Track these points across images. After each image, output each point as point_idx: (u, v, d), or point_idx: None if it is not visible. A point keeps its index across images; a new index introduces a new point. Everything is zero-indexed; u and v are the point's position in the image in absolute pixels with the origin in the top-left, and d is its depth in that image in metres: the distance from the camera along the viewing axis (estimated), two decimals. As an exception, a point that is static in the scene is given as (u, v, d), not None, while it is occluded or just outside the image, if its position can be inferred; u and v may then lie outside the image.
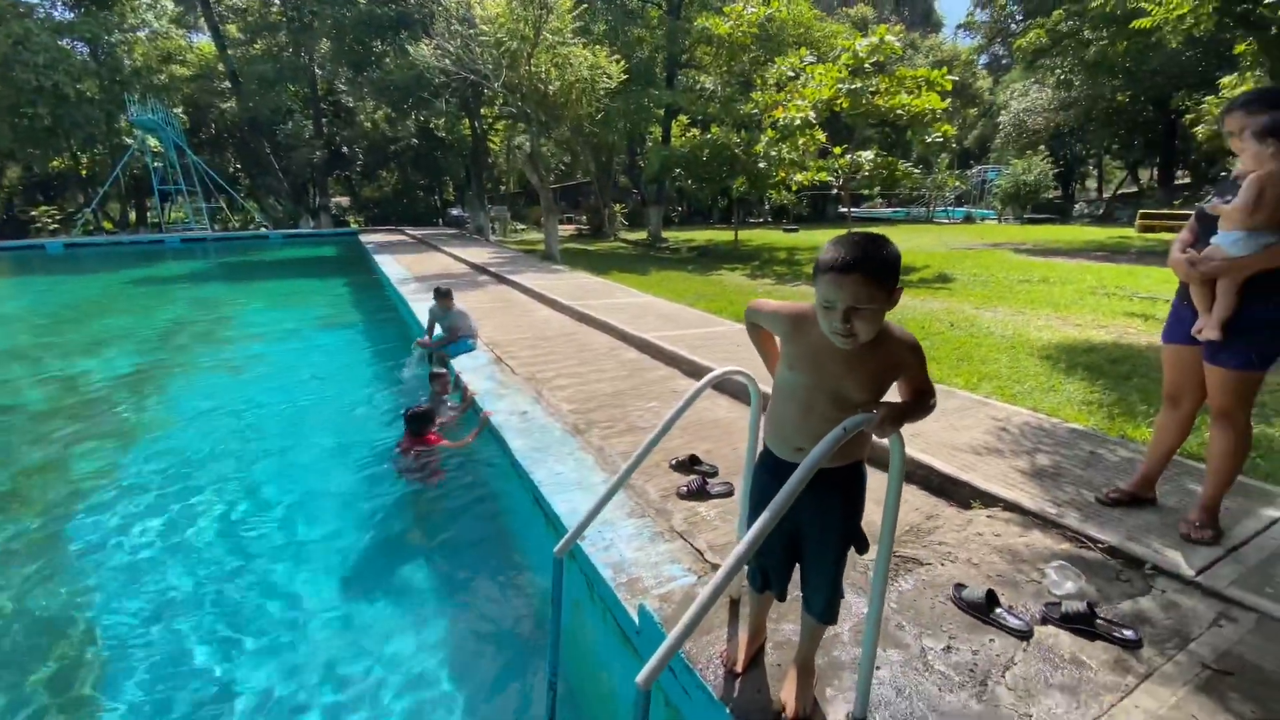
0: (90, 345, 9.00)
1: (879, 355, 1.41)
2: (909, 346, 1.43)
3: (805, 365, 1.49)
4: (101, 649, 2.88)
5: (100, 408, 6.24)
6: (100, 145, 27.23)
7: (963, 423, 3.75)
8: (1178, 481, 2.89)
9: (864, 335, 1.34)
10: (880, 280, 1.29)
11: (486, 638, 2.93)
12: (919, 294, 9.15)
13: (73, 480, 4.61)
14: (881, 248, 1.30)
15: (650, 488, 3.23)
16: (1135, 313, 7.21)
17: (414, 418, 4.34)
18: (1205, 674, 1.78)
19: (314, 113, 30.70)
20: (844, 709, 1.68)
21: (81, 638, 2.95)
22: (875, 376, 1.43)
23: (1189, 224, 2.41)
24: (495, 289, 10.86)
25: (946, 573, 2.29)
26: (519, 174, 34.30)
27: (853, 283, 1.29)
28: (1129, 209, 25.98)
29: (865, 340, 1.35)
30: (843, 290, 1.30)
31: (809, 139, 12.91)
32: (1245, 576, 2.18)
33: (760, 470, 1.69)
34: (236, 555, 3.61)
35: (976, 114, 38.35)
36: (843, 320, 1.31)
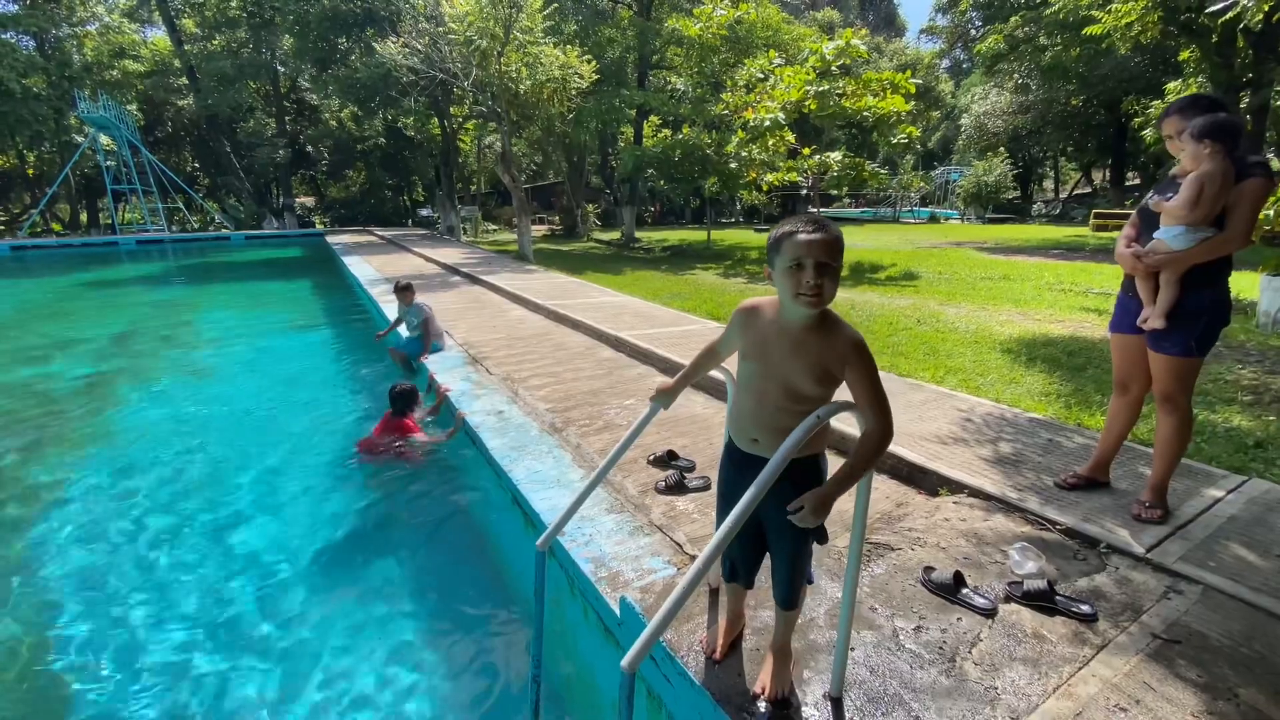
0: (42, 351, 8.65)
1: (823, 343, 1.47)
2: (852, 342, 1.44)
3: (755, 353, 1.57)
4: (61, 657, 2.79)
5: (55, 415, 6.02)
6: (48, 143, 26.16)
7: (929, 414, 3.88)
8: (1129, 466, 3.05)
9: (828, 295, 1.42)
10: (840, 243, 1.42)
11: (468, 635, 2.93)
12: (886, 291, 9.37)
13: (27, 489, 4.45)
14: (833, 225, 1.45)
15: (629, 483, 3.27)
16: (1090, 308, 7.51)
17: (399, 395, 4.30)
18: (1156, 644, 1.89)
19: (276, 110, 29.96)
20: (821, 689, 1.75)
21: (37, 647, 2.86)
22: (819, 366, 1.46)
23: (1131, 220, 2.55)
24: (469, 289, 10.77)
25: (916, 557, 2.38)
26: (490, 174, 34.01)
27: (820, 241, 1.40)
28: (1084, 209, 27.01)
29: (828, 300, 1.43)
30: (813, 248, 1.40)
31: (778, 140, 13.11)
32: (1191, 552, 2.31)
33: (724, 461, 1.76)
34: (204, 560, 3.53)
35: (939, 116, 39.37)
36: (815, 274, 1.39)
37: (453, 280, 11.90)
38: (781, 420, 1.52)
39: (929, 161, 41.94)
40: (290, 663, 2.76)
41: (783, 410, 1.51)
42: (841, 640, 1.67)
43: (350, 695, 2.58)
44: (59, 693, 2.63)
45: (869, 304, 8.23)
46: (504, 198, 34.34)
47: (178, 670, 2.74)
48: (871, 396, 1.43)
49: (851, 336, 1.45)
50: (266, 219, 29.41)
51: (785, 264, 1.44)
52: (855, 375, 1.44)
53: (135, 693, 2.61)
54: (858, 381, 1.45)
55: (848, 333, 1.46)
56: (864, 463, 1.42)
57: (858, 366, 1.44)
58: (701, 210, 32.65)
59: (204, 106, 26.66)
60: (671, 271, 12.71)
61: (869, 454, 1.41)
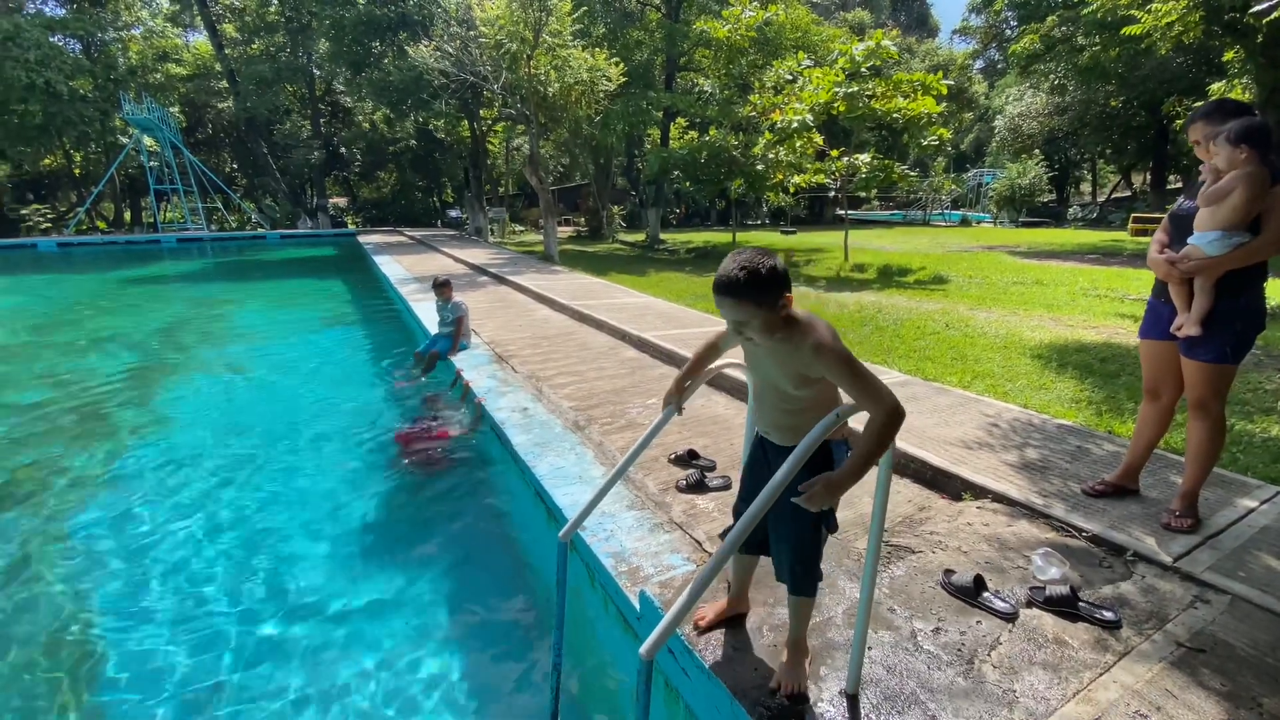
0: (88, 344, 9.03)
1: (793, 352, 1.50)
2: (812, 348, 1.44)
3: (750, 364, 1.70)
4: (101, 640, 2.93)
5: (100, 405, 6.29)
6: (94, 143, 27.18)
7: (955, 418, 3.84)
8: (1160, 474, 2.99)
9: (760, 339, 1.49)
10: (752, 301, 1.42)
11: (491, 623, 3.01)
12: (915, 295, 9.26)
13: (74, 477, 4.66)
14: (748, 272, 1.40)
15: (649, 481, 3.31)
16: (1126, 314, 7.33)
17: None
18: (1180, 652, 1.87)
19: (312, 113, 30.73)
20: (837, 685, 1.77)
21: (80, 630, 3.01)
22: (794, 372, 1.53)
23: (1163, 225, 2.52)
24: (495, 289, 10.93)
25: (937, 560, 2.38)
26: (517, 176, 34.41)
27: (727, 305, 1.46)
28: (1122, 212, 26.27)
29: (765, 342, 1.50)
30: (723, 310, 1.48)
31: (806, 141, 13.03)
32: (1221, 562, 2.27)
33: (748, 441, 1.90)
34: (238, 548, 3.67)
35: (972, 118, 38.65)
36: (734, 332, 1.52)
37: (480, 280, 12.09)
38: (780, 418, 1.65)
39: (961, 164, 41.19)
40: (318, 643, 2.87)
41: (779, 409, 1.63)
42: (858, 638, 1.69)
43: (377, 676, 2.67)
44: (98, 663, 2.77)
45: (896, 308, 8.14)
46: (531, 199, 34.68)
47: (212, 643, 2.86)
48: (856, 389, 1.42)
49: (812, 342, 1.45)
50: (301, 219, 30.17)
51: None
52: (831, 374, 1.46)
53: (170, 663, 2.74)
54: (835, 379, 1.47)
55: (810, 340, 1.46)
56: (875, 447, 1.39)
57: (828, 366, 1.44)
58: (727, 212, 32.56)
59: (243, 109, 27.47)
60: (696, 273, 12.72)
61: (876, 437, 1.39)
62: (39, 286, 15.36)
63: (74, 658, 2.85)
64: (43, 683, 2.69)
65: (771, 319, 1.45)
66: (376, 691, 2.61)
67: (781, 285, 1.43)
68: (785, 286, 1.44)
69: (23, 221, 27.80)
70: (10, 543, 3.76)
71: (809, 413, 1.57)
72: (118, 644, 2.91)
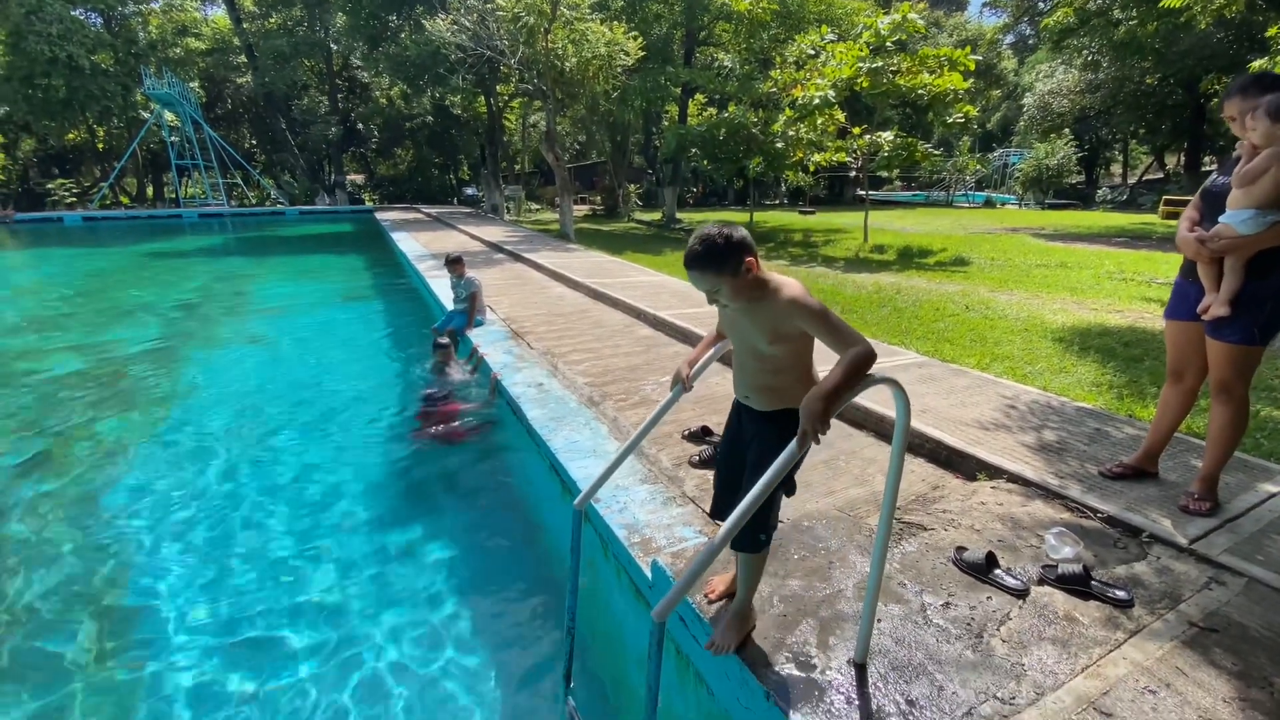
0: (115, 315, 9.23)
1: (766, 306, 1.58)
2: (788, 300, 1.54)
3: (728, 328, 1.78)
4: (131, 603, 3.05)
5: (128, 375, 6.45)
6: (116, 118, 27.43)
7: (971, 399, 3.81)
8: (1180, 458, 2.95)
9: (732, 303, 1.60)
10: (714, 271, 1.53)
11: (506, 590, 3.09)
12: (935, 276, 9.13)
13: (104, 443, 4.81)
14: (709, 244, 1.52)
15: (663, 456, 3.34)
16: (1153, 298, 7.17)
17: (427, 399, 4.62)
18: (1192, 631, 1.86)
19: (329, 88, 30.70)
20: (846, 654, 1.79)
21: (112, 593, 3.12)
22: (770, 328, 1.59)
23: (1194, 203, 2.45)
24: (511, 266, 10.95)
25: (949, 537, 2.38)
26: (534, 153, 34.19)
27: (694, 277, 1.58)
28: (1153, 195, 25.52)
29: (736, 306, 1.61)
30: (694, 283, 1.59)
31: (828, 118, 12.78)
32: (1239, 545, 2.25)
33: (731, 410, 1.93)
34: (260, 513, 3.78)
35: (1000, 96, 37.60)
36: (709, 301, 1.62)
37: (496, 258, 12.11)
38: (757, 379, 1.70)
39: (987, 143, 40.17)
40: (338, 604, 2.96)
41: (749, 370, 1.71)
42: (867, 609, 1.70)
43: (395, 636, 2.76)
44: (124, 614, 2.89)
45: (915, 289, 8.04)
46: (547, 177, 34.51)
47: (236, 599, 2.96)
48: (830, 336, 1.48)
49: (787, 296, 1.55)
50: (319, 195, 30.34)
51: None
52: (807, 325, 1.53)
53: (192, 628, 2.85)
54: (811, 329, 1.54)
55: (783, 294, 1.55)
56: (851, 372, 1.39)
57: (803, 317, 1.52)
58: (745, 192, 32.14)
59: (261, 84, 27.51)
60: (712, 252, 12.60)
61: (850, 363, 1.40)
62: (66, 260, 15.67)
63: (103, 612, 2.97)
64: (75, 635, 2.81)
65: (738, 283, 1.55)
66: (395, 650, 2.70)
67: (741, 251, 1.52)
68: (747, 252, 1.53)
69: (48, 196, 28.28)
70: (43, 505, 3.91)
71: (784, 374, 1.65)
72: (144, 600, 3.02)
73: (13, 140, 29.13)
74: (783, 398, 1.67)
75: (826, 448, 3.35)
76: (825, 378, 1.44)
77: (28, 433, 4.97)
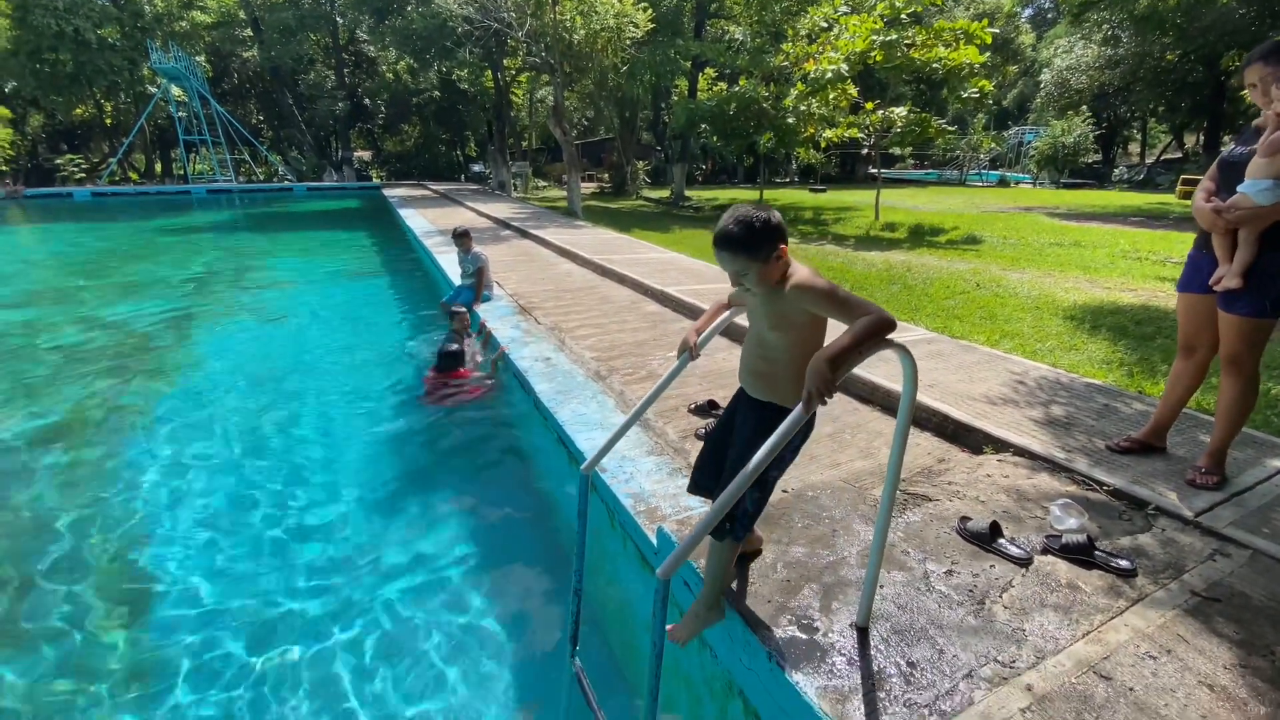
0: (127, 290, 9.31)
1: (782, 298, 1.55)
2: (796, 286, 1.50)
3: (748, 313, 1.73)
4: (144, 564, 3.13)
5: (140, 347, 6.52)
6: (124, 93, 27.35)
7: (980, 375, 3.80)
8: (1189, 433, 2.94)
9: (757, 289, 1.56)
10: (745, 254, 1.50)
11: (515, 555, 3.15)
12: (946, 255, 9.03)
13: (117, 413, 4.88)
14: (746, 225, 1.49)
15: (670, 429, 3.36)
16: (1167, 276, 7.08)
17: (445, 355, 4.58)
18: (1195, 600, 1.87)
19: (336, 62, 30.42)
20: (848, 619, 1.82)
21: (127, 553, 3.20)
22: (778, 314, 1.57)
23: (1210, 173, 2.40)
24: (519, 243, 10.92)
25: (954, 508, 2.39)
26: (541, 130, 33.86)
27: (725, 258, 1.54)
28: (1170, 174, 25.04)
29: (763, 292, 1.56)
30: (722, 263, 1.56)
31: (840, 93, 12.54)
32: (1245, 518, 2.25)
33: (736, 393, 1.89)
34: (273, 481, 3.84)
35: (1017, 72, 36.72)
36: (733, 283, 1.59)
37: (503, 234, 12.07)
38: (755, 365, 1.69)
39: (1002, 121, 39.40)
40: (355, 572, 3.02)
41: (755, 357, 1.68)
42: (870, 574, 1.72)
43: (407, 600, 2.82)
44: (140, 580, 2.96)
45: (926, 267, 7.96)
46: (554, 154, 34.20)
47: (249, 560, 3.03)
48: (843, 312, 1.43)
49: (796, 282, 1.51)
50: (326, 171, 30.24)
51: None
52: (819, 307, 1.49)
53: (206, 589, 2.92)
54: (825, 310, 1.49)
55: (793, 280, 1.52)
56: (863, 334, 1.36)
57: (813, 298, 1.48)
58: (755, 169, 31.75)
59: (267, 58, 27.27)
60: (720, 230, 12.51)
61: (865, 328, 1.37)
62: (77, 235, 15.75)
63: (120, 573, 3.04)
64: (93, 593, 2.89)
65: (766, 270, 1.51)
66: (405, 611, 2.76)
67: (776, 237, 1.50)
68: (781, 238, 1.51)
69: (58, 171, 28.33)
70: (59, 472, 3.99)
71: (778, 363, 1.62)
72: (159, 562, 3.10)
73: (21, 116, 29.14)
74: (772, 387, 1.64)
75: (832, 421, 3.36)
76: (834, 340, 1.42)
77: (41, 403, 5.05)
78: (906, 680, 1.60)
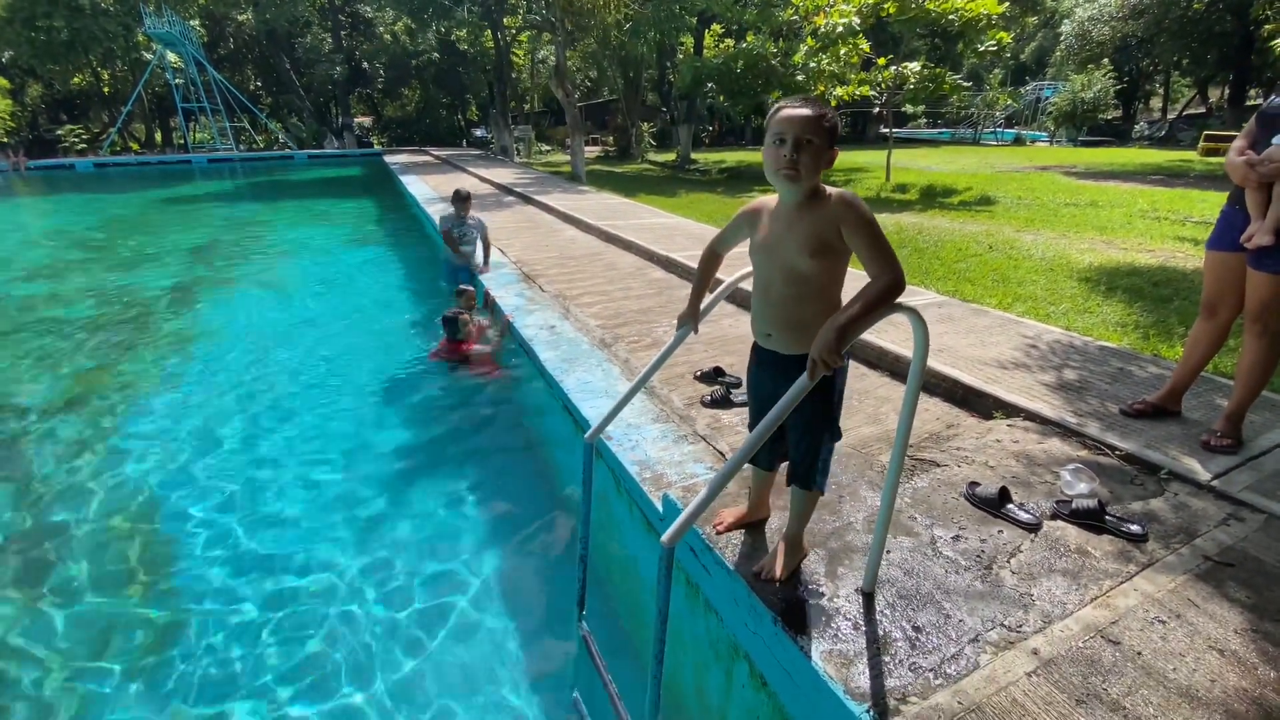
0: (131, 261, 9.29)
1: (816, 212, 1.48)
2: (842, 199, 1.45)
3: (761, 243, 1.61)
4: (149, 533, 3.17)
5: (147, 318, 6.53)
6: (120, 60, 26.86)
7: (991, 339, 3.73)
8: (1205, 397, 2.88)
9: (805, 171, 1.45)
10: (825, 121, 1.45)
11: (522, 522, 3.17)
12: (958, 216, 8.83)
13: (126, 384, 4.91)
14: (824, 106, 1.47)
15: (675, 396, 3.33)
16: (1186, 237, 6.89)
17: (447, 321, 4.57)
18: (1206, 565, 1.85)
19: (332, 24, 29.69)
20: (854, 584, 1.81)
21: (132, 519, 3.25)
22: (815, 235, 1.48)
23: (1247, 128, 2.29)
24: (522, 209, 10.77)
25: (962, 474, 2.37)
26: (544, 92, 33.10)
27: (802, 119, 1.44)
28: (1193, 130, 24.21)
29: (807, 174, 1.46)
30: (794, 124, 1.44)
31: (851, 49, 12.11)
32: (1260, 482, 2.21)
33: (750, 358, 1.81)
34: (281, 449, 3.87)
35: (1036, 23, 35.30)
36: (793, 150, 1.44)
37: (506, 200, 11.91)
38: (787, 310, 1.58)
39: (1020, 76, 38.09)
40: (362, 538, 3.05)
41: (784, 297, 1.57)
42: (877, 539, 1.71)
43: (416, 566, 2.85)
44: (150, 547, 3.01)
45: (938, 229, 7.79)
46: (557, 118, 33.47)
47: (259, 526, 3.07)
48: (874, 249, 1.40)
49: (841, 195, 1.46)
50: (327, 138, 29.81)
51: (770, 139, 1.49)
52: (850, 230, 1.43)
53: (217, 555, 2.96)
54: (855, 235, 1.43)
55: (836, 192, 1.48)
56: (874, 302, 1.35)
57: (851, 220, 1.43)
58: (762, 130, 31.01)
59: (263, 21, 26.63)
60: (727, 194, 12.30)
61: (877, 294, 1.35)
62: (80, 206, 15.69)
63: (129, 539, 3.09)
64: (107, 555, 2.94)
65: (824, 153, 1.47)
66: (413, 577, 2.80)
67: (837, 131, 1.50)
68: (837, 138, 1.50)
69: (59, 142, 28.09)
70: (68, 442, 4.03)
71: (817, 302, 1.53)
72: (167, 527, 3.14)
73: (19, 85, 28.75)
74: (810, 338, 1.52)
75: (840, 387, 3.32)
76: (844, 306, 1.38)
77: (49, 374, 5.09)
78: (912, 645, 1.60)
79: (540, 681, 2.39)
